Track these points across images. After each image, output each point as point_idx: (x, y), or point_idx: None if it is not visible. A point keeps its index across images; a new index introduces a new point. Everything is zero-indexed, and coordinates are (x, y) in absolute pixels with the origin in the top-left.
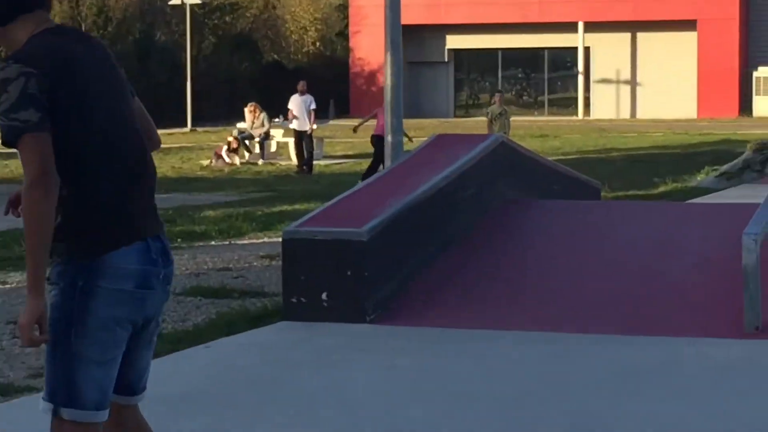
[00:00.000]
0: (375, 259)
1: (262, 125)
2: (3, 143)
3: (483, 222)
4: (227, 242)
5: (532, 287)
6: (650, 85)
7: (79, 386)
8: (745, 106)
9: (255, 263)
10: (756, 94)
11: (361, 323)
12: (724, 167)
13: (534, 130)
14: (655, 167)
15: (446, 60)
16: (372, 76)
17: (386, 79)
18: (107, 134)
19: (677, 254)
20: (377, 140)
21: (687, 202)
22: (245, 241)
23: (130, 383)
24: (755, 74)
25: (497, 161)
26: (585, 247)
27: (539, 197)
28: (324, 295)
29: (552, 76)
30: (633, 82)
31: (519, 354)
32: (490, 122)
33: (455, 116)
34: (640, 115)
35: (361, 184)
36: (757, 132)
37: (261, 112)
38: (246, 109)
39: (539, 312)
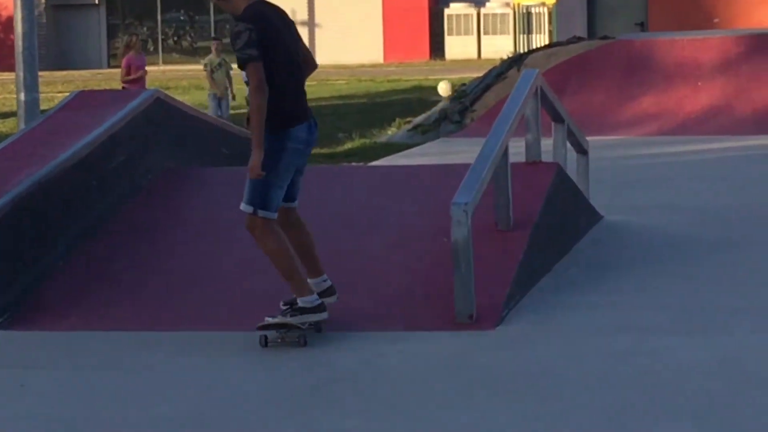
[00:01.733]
0: (1, 251)
1: None
2: (239, 66)
3: (136, 198)
4: None
5: (194, 280)
6: (330, 26)
7: (271, 198)
8: (437, 47)
9: None
10: (448, 34)
11: None
12: (418, 119)
13: (199, 80)
14: (340, 120)
15: (97, 2)
16: (9, 23)
17: (16, 27)
18: (289, 61)
19: (373, 230)
20: None
21: (379, 163)
22: None
23: (293, 195)
24: (447, 12)
25: (152, 122)
26: None
27: (206, 164)
28: None
29: (219, 19)
30: (311, 24)
31: (183, 363)
32: (210, 75)
33: (110, 66)
34: (320, 60)
35: None
36: (450, 76)
37: None
38: None
39: (207, 307)
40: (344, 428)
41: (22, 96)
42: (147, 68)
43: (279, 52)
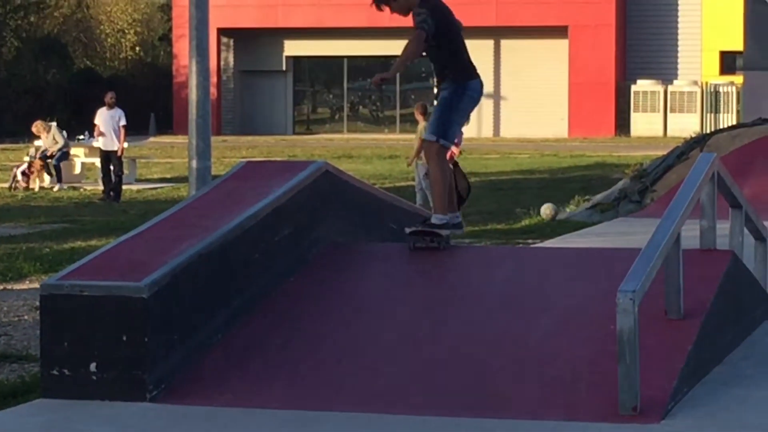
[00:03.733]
0: (159, 320)
1: (55, 142)
2: (417, 29)
3: (300, 273)
4: (1, 287)
5: (355, 356)
6: (516, 99)
7: (450, 133)
8: (622, 124)
9: (26, 316)
10: (634, 111)
11: (140, 402)
12: (598, 197)
13: (383, 150)
14: (519, 195)
15: (284, 69)
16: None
17: (191, 94)
18: (459, 38)
19: (536, 313)
20: None
21: (554, 242)
22: (24, 286)
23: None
24: (633, 88)
25: (319, 195)
26: (421, 303)
27: (371, 238)
28: (93, 367)
29: (405, 88)
30: (496, 96)
31: None
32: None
33: (295, 133)
34: (504, 133)
35: (146, 225)
36: (635, 154)
37: (48, 129)
38: (33, 131)
39: (362, 388)
40: None
41: (194, 163)
42: (332, 136)
43: (453, 31)
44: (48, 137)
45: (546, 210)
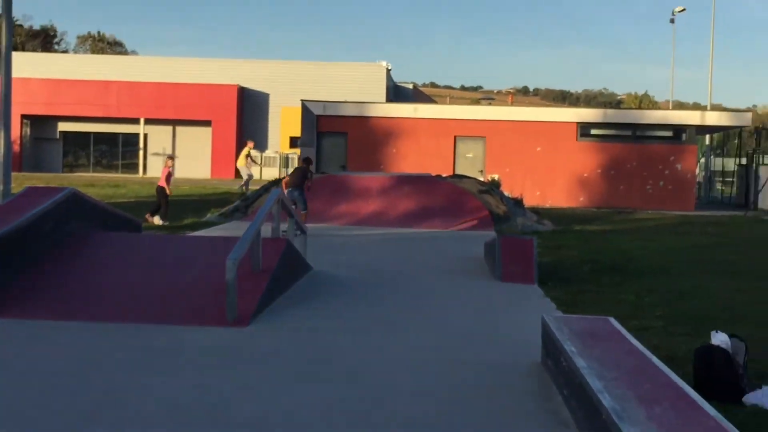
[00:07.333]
0: None
1: None
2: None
3: (58, 248)
4: None
5: (85, 293)
6: (184, 158)
7: (304, 206)
8: (238, 172)
9: None
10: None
11: None
12: (224, 209)
13: (112, 182)
14: (186, 206)
15: (59, 138)
16: None
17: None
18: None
19: (189, 270)
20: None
21: (199, 233)
22: None
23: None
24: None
25: (70, 205)
26: (125, 264)
27: (100, 230)
28: None
29: (125, 150)
30: (173, 154)
31: (65, 339)
32: (252, 161)
33: (63, 171)
34: (177, 175)
35: None
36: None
37: None
38: None
39: (86, 306)
40: (157, 385)
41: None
42: (84, 174)
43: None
44: None
45: (153, 219)
